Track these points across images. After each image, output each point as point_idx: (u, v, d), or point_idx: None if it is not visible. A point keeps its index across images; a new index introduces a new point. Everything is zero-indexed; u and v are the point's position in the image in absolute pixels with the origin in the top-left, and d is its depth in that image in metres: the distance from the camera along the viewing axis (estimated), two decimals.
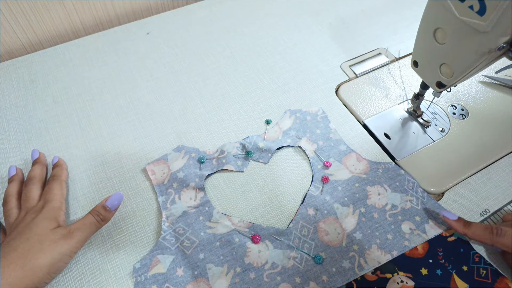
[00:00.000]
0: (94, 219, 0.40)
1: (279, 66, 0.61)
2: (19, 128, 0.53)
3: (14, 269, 0.34)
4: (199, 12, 0.69)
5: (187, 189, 0.46)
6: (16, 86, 0.58)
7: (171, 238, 0.42)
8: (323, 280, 0.40)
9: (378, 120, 0.54)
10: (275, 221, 0.45)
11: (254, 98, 0.57)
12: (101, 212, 0.40)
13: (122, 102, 0.56)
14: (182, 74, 0.60)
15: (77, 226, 0.39)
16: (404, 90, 0.58)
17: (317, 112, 0.55)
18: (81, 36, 0.68)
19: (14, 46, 0.64)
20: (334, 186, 0.47)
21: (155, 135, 0.52)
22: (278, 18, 0.69)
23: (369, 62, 0.62)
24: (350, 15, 0.69)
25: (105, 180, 0.48)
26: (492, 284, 0.40)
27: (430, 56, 0.44)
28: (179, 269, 0.41)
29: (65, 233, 0.38)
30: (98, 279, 0.40)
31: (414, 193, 0.46)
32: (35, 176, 0.45)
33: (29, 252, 0.35)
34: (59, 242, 0.37)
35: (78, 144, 0.51)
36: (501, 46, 0.36)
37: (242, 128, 0.53)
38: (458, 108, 0.55)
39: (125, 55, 0.62)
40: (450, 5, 0.37)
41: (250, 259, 0.41)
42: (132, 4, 0.70)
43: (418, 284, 0.40)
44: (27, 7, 0.61)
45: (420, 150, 0.51)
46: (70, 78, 0.59)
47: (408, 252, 0.42)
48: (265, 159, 0.50)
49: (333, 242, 0.43)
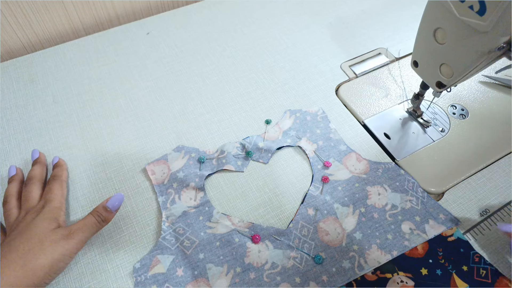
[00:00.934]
0: (95, 219, 0.40)
1: (279, 66, 0.61)
2: (19, 128, 0.53)
3: (14, 269, 0.34)
4: (199, 12, 0.69)
5: (187, 189, 0.46)
6: (16, 86, 0.58)
7: (171, 238, 0.42)
8: (323, 280, 0.40)
9: (378, 120, 0.54)
10: (275, 221, 0.45)
11: (254, 98, 0.57)
12: (102, 213, 0.40)
13: (122, 102, 0.56)
14: (182, 74, 0.60)
15: (78, 227, 0.39)
16: (404, 90, 0.58)
17: (317, 112, 0.55)
18: (81, 36, 0.68)
19: (14, 46, 0.64)
20: (334, 186, 0.47)
21: (155, 135, 0.52)
22: (278, 18, 0.69)
23: (369, 62, 0.62)
24: (350, 15, 0.69)
25: (105, 180, 0.48)
26: (492, 284, 0.40)
27: (430, 56, 0.44)
28: (179, 269, 0.41)
29: (66, 234, 0.38)
30: (98, 279, 0.40)
31: (414, 193, 0.46)
32: (35, 176, 0.45)
33: (30, 252, 0.35)
34: (60, 243, 0.37)
35: (78, 144, 0.51)
36: (501, 46, 0.36)
37: (242, 128, 0.53)
38: (458, 108, 0.55)
39: (125, 55, 0.62)
40: (450, 5, 0.37)
41: (250, 259, 0.41)
42: (132, 4, 0.70)
43: (418, 284, 0.40)
44: (27, 7, 0.61)
45: (420, 150, 0.51)
46: (70, 78, 0.59)
47: (408, 252, 0.42)
48: (265, 159, 0.50)
49: (333, 242, 0.43)
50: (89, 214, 0.40)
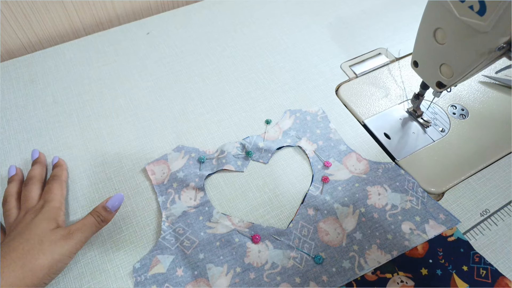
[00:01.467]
0: (94, 220, 0.40)
1: (279, 66, 0.61)
2: (19, 128, 0.53)
3: (14, 270, 0.34)
4: (199, 12, 0.69)
5: (187, 189, 0.46)
6: (16, 86, 0.58)
7: (171, 238, 0.42)
8: (323, 280, 0.40)
9: (378, 120, 0.54)
10: (275, 221, 0.45)
11: (254, 98, 0.57)
12: (102, 213, 0.40)
13: (122, 102, 0.56)
14: (182, 74, 0.60)
15: (77, 227, 0.38)
16: (404, 90, 0.58)
17: (317, 112, 0.55)
18: (81, 36, 0.68)
19: (14, 46, 0.64)
20: (334, 186, 0.47)
21: (155, 135, 0.52)
22: (278, 18, 0.69)
23: (369, 62, 0.62)
24: (350, 15, 0.69)
25: (105, 180, 0.48)
26: (492, 284, 0.40)
27: (430, 56, 0.44)
28: (179, 269, 0.41)
29: (65, 234, 0.38)
30: (98, 279, 0.40)
31: (414, 193, 0.46)
32: (34, 176, 0.45)
33: (29, 253, 0.35)
34: (59, 243, 0.37)
35: (78, 144, 0.51)
36: (501, 46, 0.36)
37: (242, 128, 0.53)
38: (458, 108, 0.55)
39: (125, 55, 0.62)
40: (450, 5, 0.37)
41: (250, 259, 0.41)
42: (132, 4, 0.70)
43: (418, 284, 0.40)
44: (27, 7, 0.61)
45: (420, 150, 0.51)
46: (70, 78, 0.59)
47: (408, 252, 0.42)
48: (265, 159, 0.50)
49: (333, 242, 0.43)
50: (89, 214, 0.40)
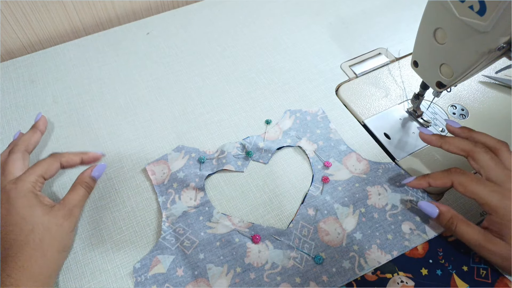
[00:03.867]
0: (85, 190, 0.41)
1: (279, 66, 0.61)
2: (19, 128, 0.53)
3: (36, 260, 0.35)
4: (199, 12, 0.69)
5: (187, 189, 0.46)
6: (16, 86, 0.58)
7: (171, 238, 0.42)
8: (323, 280, 0.40)
9: (378, 120, 0.54)
10: (275, 221, 0.45)
11: (254, 98, 0.57)
12: (90, 182, 0.41)
13: (122, 102, 0.56)
14: (182, 74, 0.60)
15: (74, 203, 0.39)
16: (404, 90, 0.58)
17: (317, 112, 0.55)
18: (81, 36, 0.68)
19: (14, 46, 0.64)
20: (334, 186, 0.47)
21: (155, 135, 0.52)
22: (278, 18, 0.69)
23: (369, 62, 0.62)
24: (350, 15, 0.69)
25: (105, 180, 0.48)
26: (492, 284, 0.40)
27: (430, 56, 0.44)
28: (179, 269, 0.41)
29: (66, 213, 0.38)
30: (98, 279, 0.40)
31: (414, 193, 0.46)
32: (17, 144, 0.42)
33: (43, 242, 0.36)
34: (64, 225, 0.38)
35: (78, 144, 0.51)
36: (501, 46, 0.36)
37: (242, 128, 0.53)
38: (458, 108, 0.55)
39: (125, 55, 0.62)
40: (450, 5, 0.37)
41: (250, 259, 0.41)
42: (132, 4, 0.70)
43: (418, 284, 0.40)
44: (27, 7, 0.61)
45: (420, 150, 0.51)
46: (70, 78, 0.59)
47: (408, 252, 0.42)
48: (265, 159, 0.50)
49: (333, 242, 0.43)
50: (78, 185, 0.41)
